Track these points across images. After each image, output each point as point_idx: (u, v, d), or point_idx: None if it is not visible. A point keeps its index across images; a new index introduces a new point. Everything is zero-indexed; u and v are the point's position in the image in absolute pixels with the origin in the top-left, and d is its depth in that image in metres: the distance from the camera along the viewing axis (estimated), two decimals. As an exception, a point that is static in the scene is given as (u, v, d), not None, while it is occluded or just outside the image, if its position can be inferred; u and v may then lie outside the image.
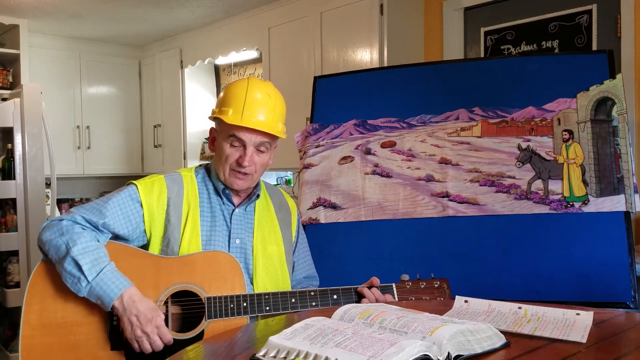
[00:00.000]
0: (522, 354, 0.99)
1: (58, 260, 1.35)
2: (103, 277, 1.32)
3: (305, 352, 0.90)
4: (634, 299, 1.74)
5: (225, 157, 1.50)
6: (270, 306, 1.41)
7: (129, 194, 1.48)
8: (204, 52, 4.40)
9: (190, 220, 1.50)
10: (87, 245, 1.35)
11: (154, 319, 1.31)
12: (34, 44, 4.28)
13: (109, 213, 1.43)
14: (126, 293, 1.32)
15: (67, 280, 1.33)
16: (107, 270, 1.33)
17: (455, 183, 2.02)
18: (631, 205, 1.81)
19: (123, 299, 1.31)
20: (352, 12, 3.30)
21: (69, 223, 1.39)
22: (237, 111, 1.48)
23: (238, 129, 1.48)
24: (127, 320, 1.31)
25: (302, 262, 1.71)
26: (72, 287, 1.32)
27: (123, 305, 1.31)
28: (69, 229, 1.37)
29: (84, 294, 1.32)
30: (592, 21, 2.74)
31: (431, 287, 1.52)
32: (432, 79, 2.21)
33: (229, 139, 1.50)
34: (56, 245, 1.36)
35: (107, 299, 1.31)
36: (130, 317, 1.31)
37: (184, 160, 4.61)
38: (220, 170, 1.53)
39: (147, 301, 1.34)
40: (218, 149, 1.54)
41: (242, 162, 1.48)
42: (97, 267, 1.33)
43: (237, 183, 1.52)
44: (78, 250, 1.33)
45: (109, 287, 1.31)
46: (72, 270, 1.32)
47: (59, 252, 1.35)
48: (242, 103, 1.49)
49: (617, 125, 1.88)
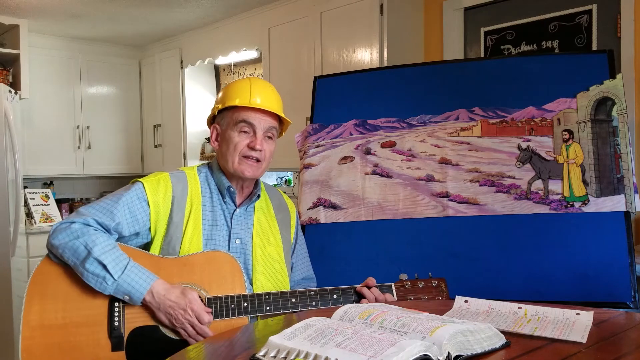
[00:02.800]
0: (522, 354, 0.99)
1: (78, 262, 1.35)
2: (129, 272, 1.35)
3: (306, 352, 0.90)
4: (634, 299, 1.74)
5: (235, 145, 1.51)
6: (270, 306, 1.42)
7: (136, 193, 1.49)
8: (204, 52, 4.40)
9: (192, 219, 1.50)
10: (106, 245, 1.37)
11: (188, 305, 1.33)
12: (34, 44, 4.28)
13: (119, 214, 1.44)
14: (154, 287, 1.35)
15: (90, 280, 1.34)
16: (131, 267, 1.36)
17: (455, 183, 2.02)
18: (631, 205, 1.82)
19: (153, 294, 1.34)
20: (352, 12, 3.30)
21: (81, 226, 1.40)
22: (244, 97, 1.52)
23: (248, 113, 1.51)
24: (164, 314, 1.34)
25: (300, 263, 1.72)
26: (96, 286, 1.34)
27: (155, 301, 1.34)
28: (84, 232, 1.38)
29: (111, 292, 1.34)
30: (592, 21, 2.74)
31: (429, 287, 1.53)
32: (432, 79, 2.21)
33: (237, 126, 1.51)
34: (73, 248, 1.36)
35: (136, 295, 1.34)
36: (166, 310, 1.34)
37: (184, 160, 4.61)
38: (229, 161, 1.52)
39: (176, 289, 1.36)
40: (225, 141, 1.54)
41: (254, 146, 1.50)
42: (121, 265, 1.35)
43: (248, 170, 1.52)
44: (99, 250, 1.35)
45: (136, 283, 1.34)
46: (95, 270, 1.34)
47: (77, 255, 1.36)
48: (249, 91, 1.52)
49: (617, 125, 1.88)
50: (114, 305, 1.37)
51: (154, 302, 1.34)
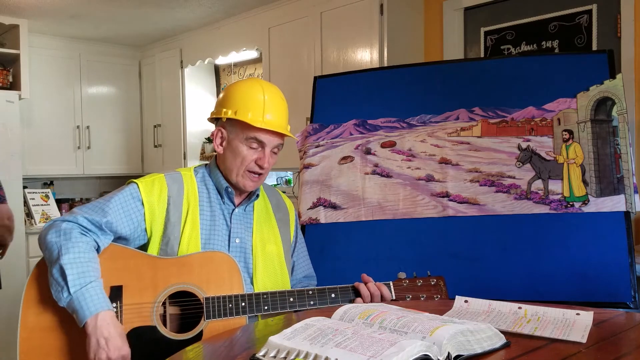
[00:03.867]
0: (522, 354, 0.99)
1: (49, 263, 1.34)
2: (85, 292, 1.28)
3: (305, 352, 0.90)
4: (634, 299, 1.74)
5: (242, 159, 1.51)
6: (268, 305, 1.42)
7: (130, 192, 1.48)
8: (204, 52, 4.40)
9: (189, 219, 1.50)
10: (79, 255, 1.32)
11: (123, 348, 1.28)
12: (34, 44, 4.28)
13: (111, 212, 1.43)
14: (102, 314, 1.28)
15: (51, 286, 1.31)
16: (91, 287, 1.30)
17: (455, 183, 2.02)
18: (631, 205, 1.81)
19: (97, 318, 1.27)
20: (352, 12, 3.30)
21: (70, 225, 1.38)
22: (257, 113, 1.50)
23: (259, 132, 1.49)
24: (95, 341, 1.26)
25: (301, 261, 1.72)
26: (54, 294, 1.31)
27: (95, 324, 1.27)
28: (67, 233, 1.36)
29: (64, 304, 1.30)
30: (592, 21, 2.74)
31: (428, 285, 1.53)
32: (432, 79, 2.21)
33: (248, 141, 1.50)
34: (51, 249, 1.35)
35: (81, 315, 1.27)
36: (99, 338, 1.26)
37: (184, 160, 4.61)
38: (234, 172, 1.53)
39: (120, 328, 1.31)
40: (232, 151, 1.53)
41: (262, 164, 1.51)
42: (82, 281, 1.29)
43: (249, 185, 1.54)
44: (68, 258, 1.31)
45: (87, 304, 1.27)
46: (57, 278, 1.30)
47: (51, 256, 1.34)
48: (262, 106, 1.50)
49: (617, 125, 1.88)
50: (112, 306, 1.37)
51: (92, 325, 1.26)
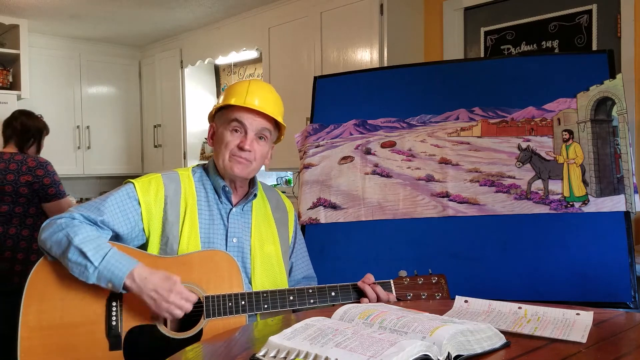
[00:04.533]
0: (522, 354, 0.99)
1: (61, 253, 1.35)
2: (110, 259, 1.33)
3: (305, 352, 0.90)
4: (634, 299, 1.74)
5: (226, 144, 1.52)
6: (268, 304, 1.42)
7: (126, 192, 1.49)
8: (204, 52, 4.40)
9: (188, 218, 1.50)
10: (88, 234, 1.36)
11: (173, 287, 1.32)
12: (34, 44, 4.28)
13: (107, 211, 1.44)
14: (135, 271, 1.32)
15: (73, 270, 1.33)
16: (112, 253, 1.34)
17: (455, 183, 2.02)
18: (631, 205, 1.81)
19: (134, 278, 1.31)
20: (352, 12, 3.30)
21: (67, 220, 1.40)
22: (240, 97, 1.52)
23: (240, 113, 1.51)
24: (148, 297, 1.31)
25: (300, 262, 1.72)
26: (79, 275, 1.33)
27: (137, 284, 1.31)
28: (68, 224, 1.38)
29: (93, 280, 1.33)
30: (592, 21, 2.74)
31: (429, 283, 1.53)
32: (432, 79, 2.21)
33: (230, 125, 1.52)
34: (57, 240, 1.36)
35: (117, 280, 1.31)
36: (149, 293, 1.31)
37: (184, 160, 4.61)
38: (220, 159, 1.53)
39: (158, 272, 1.34)
40: (218, 139, 1.56)
41: (243, 146, 1.51)
42: (102, 252, 1.33)
43: (237, 167, 1.52)
44: (80, 239, 1.34)
45: (117, 268, 1.32)
46: (77, 259, 1.33)
47: (60, 246, 1.35)
48: (245, 91, 1.53)
49: (617, 125, 1.88)
50: (112, 304, 1.37)
51: (135, 286, 1.31)
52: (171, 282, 1.32)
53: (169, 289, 1.31)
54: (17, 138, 3.07)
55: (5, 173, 2.91)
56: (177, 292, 1.31)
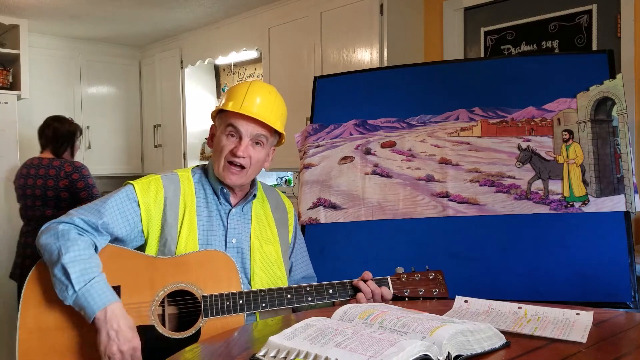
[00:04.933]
0: (522, 354, 0.99)
1: (50, 265, 1.34)
2: (90, 288, 1.29)
3: (305, 352, 0.90)
4: (634, 299, 1.74)
5: (221, 148, 1.52)
6: (266, 302, 1.41)
7: (126, 194, 1.49)
8: (204, 52, 4.40)
9: (186, 220, 1.50)
10: (80, 253, 1.33)
11: (133, 340, 1.29)
12: (34, 44, 4.28)
13: (107, 213, 1.43)
14: (110, 307, 1.29)
15: (55, 286, 1.32)
16: (96, 282, 1.31)
17: (455, 183, 2.01)
18: (631, 205, 1.81)
19: (106, 312, 1.28)
20: (352, 12, 3.30)
21: (67, 227, 1.38)
22: (237, 102, 1.51)
23: (235, 118, 1.50)
24: (106, 334, 1.28)
25: (300, 262, 1.72)
26: (59, 294, 1.31)
27: (105, 317, 1.28)
28: (65, 234, 1.36)
29: (70, 303, 1.30)
30: (592, 21, 2.74)
31: (426, 279, 1.53)
32: (432, 79, 2.21)
33: (226, 130, 1.52)
34: (50, 251, 1.35)
35: (89, 310, 1.28)
36: (109, 330, 1.28)
37: (184, 160, 4.61)
38: (216, 164, 1.53)
39: (130, 320, 1.32)
40: (215, 143, 1.55)
41: (236, 152, 1.49)
42: (86, 277, 1.30)
43: (230, 178, 1.52)
44: (69, 257, 1.31)
45: (93, 299, 1.28)
46: (61, 278, 1.31)
47: (51, 258, 1.34)
48: (243, 96, 1.52)
49: (617, 125, 1.88)
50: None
51: (102, 318, 1.28)
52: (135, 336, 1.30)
53: (129, 340, 1.29)
54: (52, 145, 3.26)
55: (46, 179, 3.16)
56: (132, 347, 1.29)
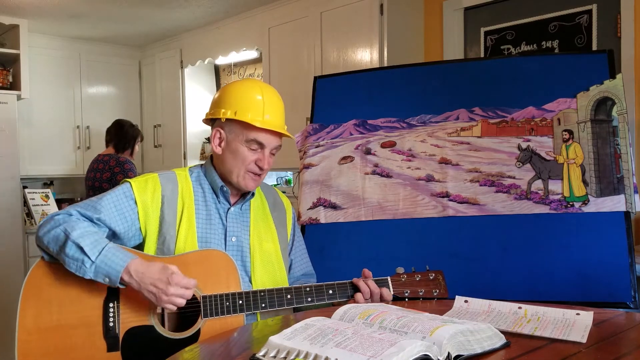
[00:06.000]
0: (522, 354, 0.99)
1: (59, 249, 1.35)
2: (107, 253, 1.32)
3: (305, 352, 0.90)
4: (634, 299, 1.74)
5: (243, 159, 1.51)
6: (266, 303, 1.41)
7: (123, 191, 1.49)
8: (204, 52, 4.40)
9: (185, 218, 1.50)
10: (86, 230, 1.37)
11: (170, 278, 1.30)
12: (34, 44, 4.28)
13: (104, 209, 1.44)
14: (131, 266, 1.32)
15: (70, 265, 1.33)
16: (109, 247, 1.34)
17: (455, 183, 2.01)
18: (631, 205, 1.81)
19: (131, 273, 1.31)
20: (352, 12, 3.30)
21: (64, 216, 1.41)
22: (257, 114, 1.50)
23: (259, 133, 1.50)
24: (147, 292, 1.31)
25: (299, 259, 1.72)
26: (77, 271, 1.33)
27: (135, 280, 1.31)
28: (65, 220, 1.39)
29: (90, 275, 1.32)
30: (592, 21, 2.74)
31: (426, 279, 1.52)
32: (432, 79, 2.21)
33: (248, 143, 1.51)
34: (55, 236, 1.36)
35: (113, 274, 1.31)
36: (147, 287, 1.30)
37: (184, 160, 4.61)
38: (234, 172, 1.53)
39: (154, 265, 1.33)
40: (232, 152, 1.53)
41: (262, 165, 1.52)
42: (99, 246, 1.33)
43: (251, 185, 1.55)
44: (77, 234, 1.34)
45: (114, 262, 1.31)
46: (74, 254, 1.32)
47: (58, 241, 1.35)
48: (261, 106, 1.51)
49: (617, 125, 1.88)
50: (109, 305, 1.37)
51: (133, 280, 1.31)
52: (168, 273, 1.31)
53: (167, 281, 1.30)
54: (113, 143, 3.76)
55: (95, 172, 3.64)
56: (175, 283, 1.30)
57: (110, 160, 3.66)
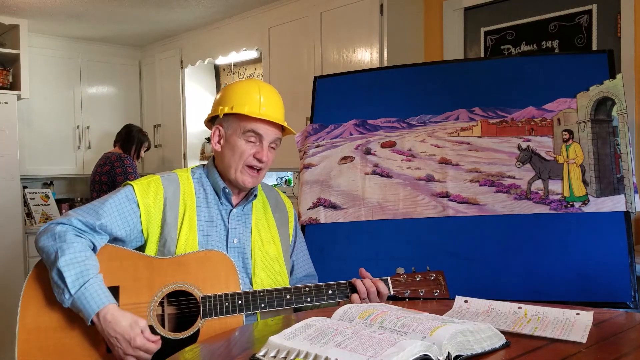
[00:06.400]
0: (522, 354, 0.99)
1: (48, 267, 1.35)
2: (84, 291, 1.29)
3: (305, 352, 0.90)
4: (634, 299, 1.74)
5: (240, 153, 1.51)
6: (265, 303, 1.41)
7: (125, 195, 1.48)
8: (204, 52, 4.40)
9: (186, 220, 1.50)
10: (76, 255, 1.33)
11: (133, 340, 1.28)
12: (34, 44, 4.28)
13: (106, 214, 1.43)
14: (102, 312, 1.29)
15: (54, 289, 1.33)
16: (90, 285, 1.30)
17: (455, 183, 2.01)
18: (631, 205, 1.81)
19: (99, 319, 1.29)
20: (352, 12, 3.29)
21: (64, 228, 1.38)
22: (254, 106, 1.50)
23: (257, 124, 1.50)
24: (109, 342, 1.30)
25: (301, 261, 1.72)
26: (57, 297, 1.32)
27: (101, 326, 1.29)
28: (62, 236, 1.36)
29: (68, 305, 1.31)
30: (592, 21, 2.74)
31: (427, 280, 1.52)
32: (432, 79, 2.21)
33: (245, 135, 1.51)
34: (48, 252, 1.35)
35: (86, 314, 1.29)
36: (110, 339, 1.29)
37: (184, 160, 4.61)
38: (232, 167, 1.52)
39: (123, 319, 1.29)
40: (230, 147, 1.53)
41: (260, 157, 1.51)
42: (81, 280, 1.30)
43: (248, 181, 1.53)
44: (65, 260, 1.31)
45: (88, 303, 1.29)
46: (57, 281, 1.31)
47: (49, 260, 1.35)
48: (258, 100, 1.51)
49: (617, 125, 1.88)
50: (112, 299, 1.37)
51: (100, 327, 1.29)
52: (135, 333, 1.28)
53: (129, 341, 1.28)
54: (120, 144, 4.07)
55: (103, 166, 3.89)
56: (135, 347, 1.28)
57: (112, 156, 3.92)
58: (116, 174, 3.84)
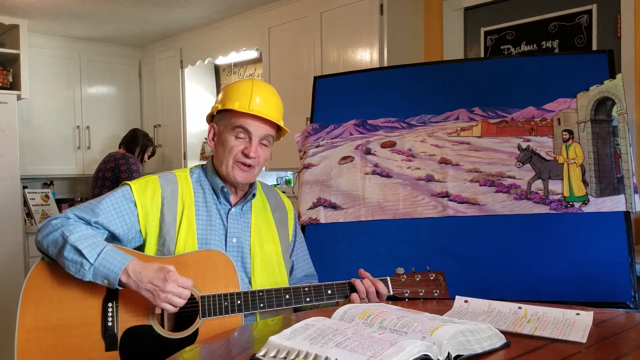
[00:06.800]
0: (522, 354, 0.99)
1: (58, 252, 1.35)
2: (105, 256, 1.33)
3: (306, 352, 0.90)
4: (634, 299, 1.74)
5: (230, 149, 1.51)
6: (264, 303, 1.41)
7: (122, 194, 1.49)
8: (204, 52, 4.40)
9: (185, 220, 1.50)
10: (84, 232, 1.37)
11: (167, 276, 1.30)
12: (34, 44, 4.28)
13: (102, 212, 1.44)
14: (130, 266, 1.32)
15: (70, 268, 1.33)
16: (107, 250, 1.34)
17: (455, 183, 2.01)
18: (631, 205, 1.81)
19: (129, 274, 1.31)
20: (352, 12, 3.29)
21: (62, 220, 1.41)
22: (244, 102, 1.51)
23: (245, 119, 1.50)
24: (145, 291, 1.31)
25: (301, 261, 1.71)
26: (76, 273, 1.33)
27: (133, 279, 1.31)
28: (63, 223, 1.39)
29: (89, 277, 1.32)
30: (592, 21, 2.74)
31: (427, 280, 1.51)
32: (432, 79, 2.21)
33: (234, 131, 1.51)
34: (53, 239, 1.37)
35: (112, 276, 1.31)
36: (145, 286, 1.31)
37: (184, 160, 4.61)
38: (223, 164, 1.53)
39: (152, 264, 1.34)
40: (221, 143, 1.54)
41: (248, 153, 1.50)
42: (97, 249, 1.34)
43: (239, 175, 1.53)
44: (75, 237, 1.34)
45: (112, 264, 1.32)
46: (73, 257, 1.33)
47: (57, 245, 1.36)
48: (249, 95, 1.52)
49: (617, 125, 1.88)
50: (107, 305, 1.37)
51: (131, 281, 1.31)
52: (165, 272, 1.31)
53: (164, 279, 1.30)
54: (125, 145, 4.20)
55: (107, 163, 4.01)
56: (172, 281, 1.30)
57: (117, 155, 4.04)
58: (120, 171, 3.93)
